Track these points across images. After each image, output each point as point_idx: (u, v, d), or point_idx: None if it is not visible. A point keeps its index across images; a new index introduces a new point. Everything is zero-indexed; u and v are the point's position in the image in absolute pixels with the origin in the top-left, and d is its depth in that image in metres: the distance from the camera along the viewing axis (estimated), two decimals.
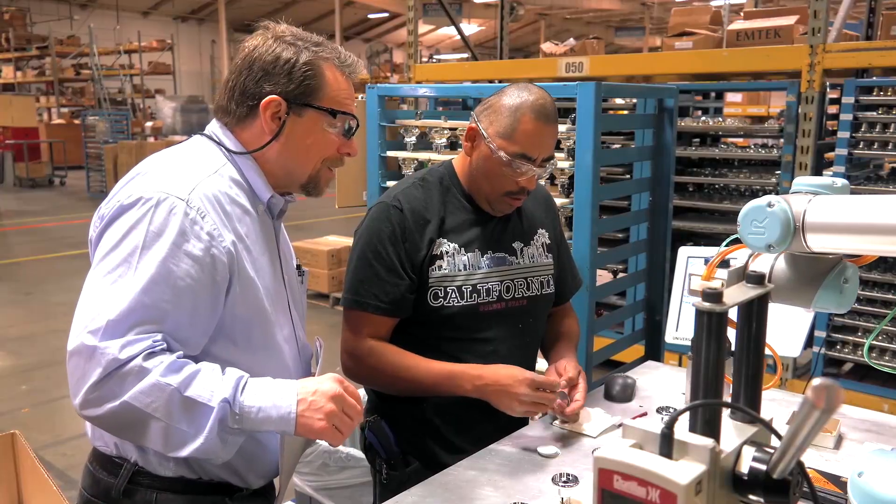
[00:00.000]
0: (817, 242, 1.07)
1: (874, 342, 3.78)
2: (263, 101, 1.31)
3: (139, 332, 1.16)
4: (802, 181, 1.13)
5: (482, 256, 1.75)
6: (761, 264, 1.16)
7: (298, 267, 1.54)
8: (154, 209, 1.20)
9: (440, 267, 1.71)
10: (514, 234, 1.83)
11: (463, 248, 1.74)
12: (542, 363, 1.95)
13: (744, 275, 1.12)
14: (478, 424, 1.74)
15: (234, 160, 1.35)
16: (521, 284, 1.80)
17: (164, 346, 1.18)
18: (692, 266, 2.42)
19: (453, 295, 1.71)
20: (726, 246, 1.17)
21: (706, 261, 1.14)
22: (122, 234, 1.20)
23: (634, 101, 4.05)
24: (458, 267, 1.72)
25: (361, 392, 2.07)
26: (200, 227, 1.22)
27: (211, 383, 1.18)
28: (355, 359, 1.71)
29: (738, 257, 1.16)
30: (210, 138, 1.37)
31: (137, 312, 1.16)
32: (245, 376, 1.22)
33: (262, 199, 1.37)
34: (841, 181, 1.12)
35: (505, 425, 1.71)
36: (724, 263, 1.13)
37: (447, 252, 1.72)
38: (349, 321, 1.73)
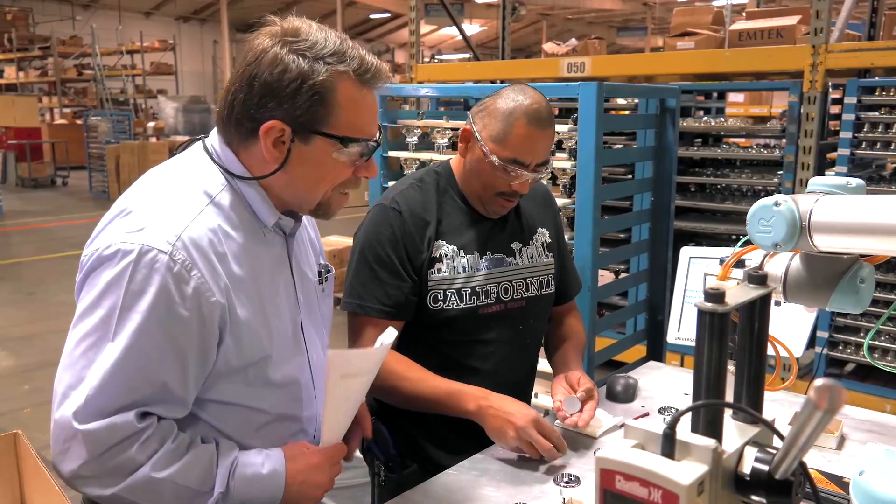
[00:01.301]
0: (823, 242, 1.07)
1: (878, 343, 3.78)
2: (263, 126, 1.15)
3: (123, 408, 1.08)
4: (818, 181, 1.13)
5: (481, 258, 1.74)
6: (776, 265, 1.16)
7: (321, 273, 1.41)
8: (133, 265, 1.07)
9: (439, 270, 1.70)
10: (512, 235, 1.81)
11: (462, 251, 1.72)
12: (543, 364, 1.94)
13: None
14: (477, 426, 1.72)
15: (236, 182, 1.22)
16: (519, 285, 1.78)
17: (153, 420, 1.11)
18: (705, 267, 2.41)
19: (452, 298, 1.70)
20: (742, 246, 1.17)
21: (721, 261, 1.14)
22: (99, 293, 1.09)
23: (636, 101, 4.05)
24: (458, 269, 1.71)
25: None
26: (186, 283, 1.10)
27: (204, 471, 1.14)
28: None
29: (754, 258, 1.16)
30: (210, 156, 1.23)
31: (119, 387, 1.07)
32: (236, 460, 1.17)
33: (267, 224, 1.25)
34: (856, 181, 1.12)
35: None
36: (740, 264, 1.13)
37: (446, 254, 1.71)
38: (352, 326, 1.72)
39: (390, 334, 1.30)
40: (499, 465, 1.55)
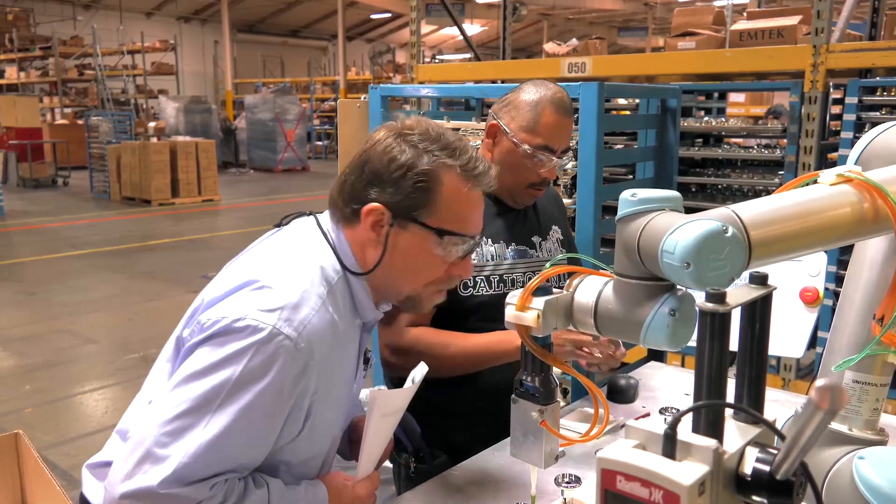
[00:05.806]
0: (760, 262, 0.94)
1: None
2: (365, 207, 1.20)
3: (204, 480, 1.08)
4: (645, 195, 0.95)
5: (507, 248, 1.83)
6: (587, 291, 1.03)
7: (367, 360, 1.40)
8: (260, 345, 1.09)
9: None
10: (532, 229, 1.90)
11: (489, 240, 1.80)
12: None
13: (570, 304, 1.03)
14: (501, 410, 1.74)
15: (348, 276, 1.24)
16: None
17: (221, 480, 1.11)
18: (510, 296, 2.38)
19: (482, 284, 1.77)
20: (550, 267, 1.09)
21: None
22: (218, 362, 1.09)
23: (637, 101, 4.05)
24: (486, 257, 1.79)
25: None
26: (300, 374, 1.12)
27: None
28: (400, 351, 1.71)
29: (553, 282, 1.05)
30: (325, 236, 1.26)
31: (209, 462, 1.08)
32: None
33: (366, 319, 1.29)
34: (676, 193, 0.97)
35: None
36: (544, 290, 1.04)
37: None
38: (387, 315, 1.73)
39: (421, 370, 1.33)
40: (500, 465, 1.55)
